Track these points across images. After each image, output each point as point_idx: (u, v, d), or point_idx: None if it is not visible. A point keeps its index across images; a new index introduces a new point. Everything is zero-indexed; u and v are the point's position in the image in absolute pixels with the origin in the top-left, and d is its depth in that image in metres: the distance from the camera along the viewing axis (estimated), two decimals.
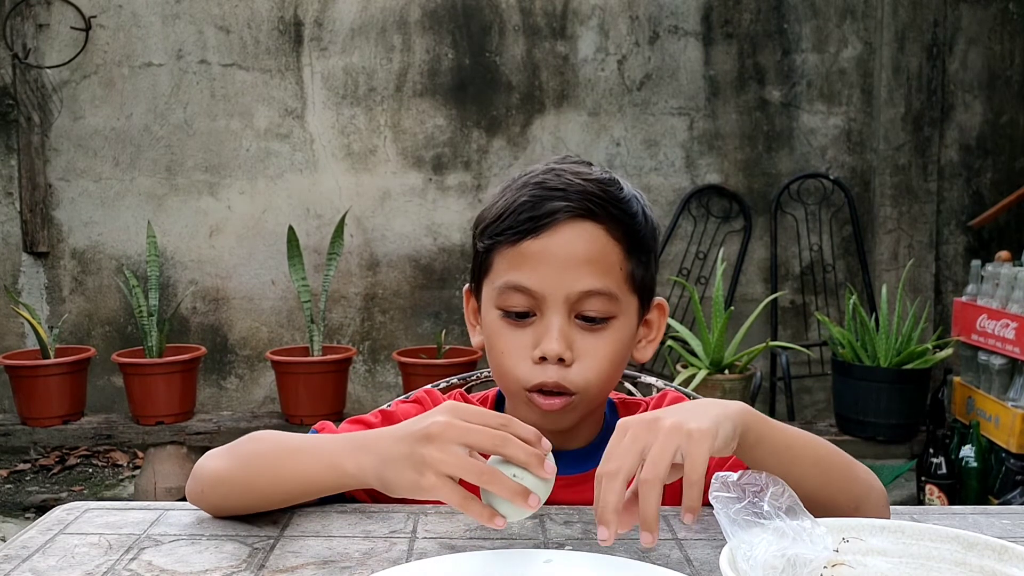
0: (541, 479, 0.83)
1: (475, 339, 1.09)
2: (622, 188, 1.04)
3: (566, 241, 0.98)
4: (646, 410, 1.11)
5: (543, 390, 0.99)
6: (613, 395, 1.14)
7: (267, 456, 0.96)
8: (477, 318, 1.09)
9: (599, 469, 0.81)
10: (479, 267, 1.06)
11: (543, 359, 0.98)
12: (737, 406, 0.87)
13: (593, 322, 1.00)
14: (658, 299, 1.10)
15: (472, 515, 0.82)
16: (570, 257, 0.98)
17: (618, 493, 0.79)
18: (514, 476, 0.82)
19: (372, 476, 0.87)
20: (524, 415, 0.98)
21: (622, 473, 0.79)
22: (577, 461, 1.06)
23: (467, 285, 1.12)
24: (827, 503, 0.89)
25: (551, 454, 0.85)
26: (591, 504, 1.02)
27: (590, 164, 1.06)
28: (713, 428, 0.81)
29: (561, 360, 0.98)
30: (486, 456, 0.85)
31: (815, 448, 0.93)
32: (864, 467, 0.98)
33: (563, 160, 1.05)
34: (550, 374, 0.98)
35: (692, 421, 0.80)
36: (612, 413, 1.13)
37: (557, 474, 0.90)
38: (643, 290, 1.06)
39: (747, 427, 0.86)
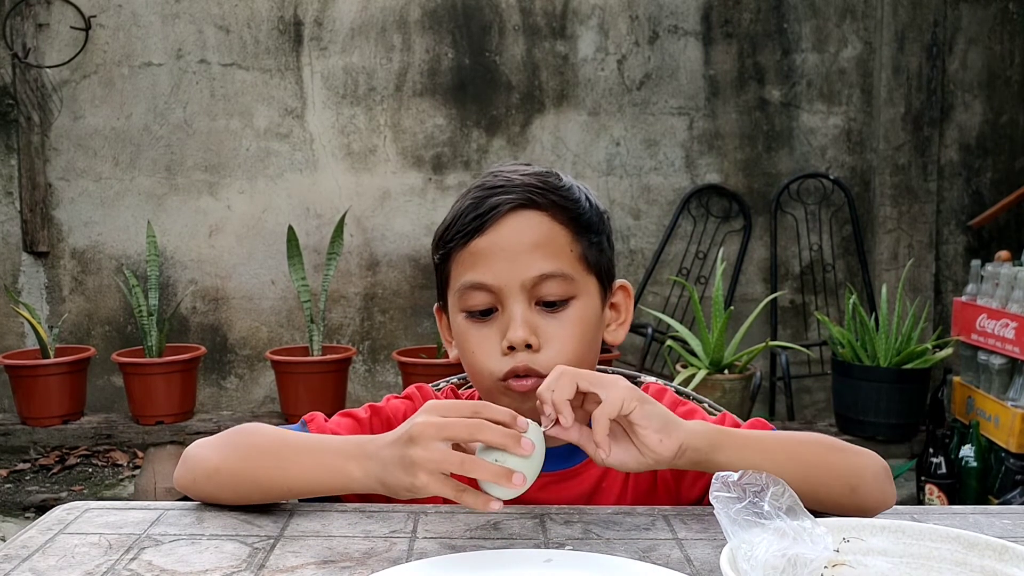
0: (523, 456, 0.85)
1: (452, 353, 1.11)
2: (561, 178, 1.07)
3: (512, 231, 1.02)
4: None
5: (517, 375, 1.01)
6: None
7: (269, 453, 0.97)
8: (450, 333, 1.11)
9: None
10: (441, 281, 1.09)
11: (511, 348, 1.00)
12: (698, 423, 0.94)
13: (554, 306, 1.02)
14: (620, 281, 1.12)
15: (468, 504, 0.85)
16: (519, 245, 1.01)
17: (568, 391, 0.89)
18: (496, 460, 0.85)
19: (376, 483, 0.90)
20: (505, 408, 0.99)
21: (570, 377, 0.90)
22: (562, 458, 1.07)
23: (436, 304, 1.15)
24: (818, 493, 0.92)
25: (535, 425, 0.88)
26: (577, 501, 1.03)
27: (529, 164, 1.09)
28: (638, 395, 0.89)
29: (528, 347, 1.00)
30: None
31: (787, 444, 0.97)
32: (857, 449, 1.00)
33: (503, 164, 1.10)
34: (520, 359, 1.00)
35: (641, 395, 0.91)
36: None
37: (543, 471, 0.92)
38: (601, 272, 1.07)
39: (705, 435, 0.92)
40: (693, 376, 3.10)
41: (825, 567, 0.80)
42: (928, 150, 3.92)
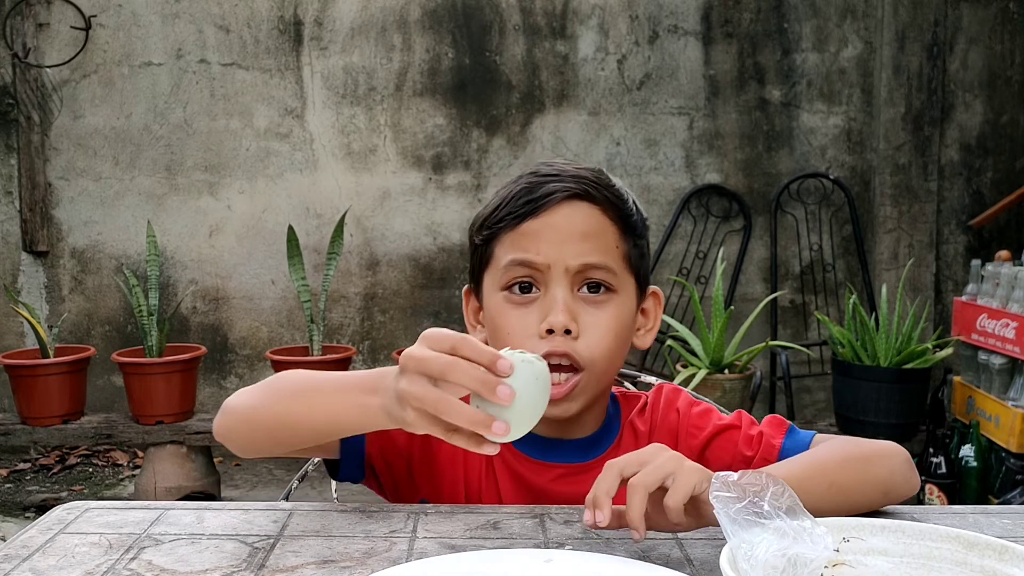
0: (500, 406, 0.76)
1: (477, 337, 1.09)
2: (611, 178, 1.09)
3: (564, 218, 1.02)
4: (646, 403, 1.13)
5: (551, 364, 0.98)
6: (615, 389, 1.15)
7: (300, 395, 0.95)
8: (477, 317, 1.11)
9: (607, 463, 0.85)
10: (479, 262, 1.08)
11: (550, 332, 1.00)
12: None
13: (596, 292, 1.02)
14: (653, 287, 1.13)
15: (459, 444, 0.79)
16: (570, 232, 1.02)
17: (610, 482, 0.83)
18: (477, 406, 0.77)
19: (386, 416, 0.85)
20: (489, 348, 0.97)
21: (616, 468, 0.84)
22: (580, 450, 1.08)
23: (466, 286, 1.14)
24: (854, 508, 0.93)
25: (527, 365, 0.79)
26: None
27: (580, 163, 1.10)
28: (705, 472, 0.83)
29: (568, 332, 1.00)
30: None
31: (827, 472, 0.95)
32: (882, 450, 1.00)
33: (552, 158, 1.12)
34: (557, 343, 1.00)
35: (692, 463, 0.85)
36: (614, 407, 1.14)
37: (559, 462, 0.90)
38: (639, 275, 1.08)
39: None
40: (693, 376, 3.10)
41: (825, 567, 0.80)
42: (928, 150, 3.92)
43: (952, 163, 4.02)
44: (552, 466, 1.06)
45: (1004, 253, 3.27)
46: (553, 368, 0.98)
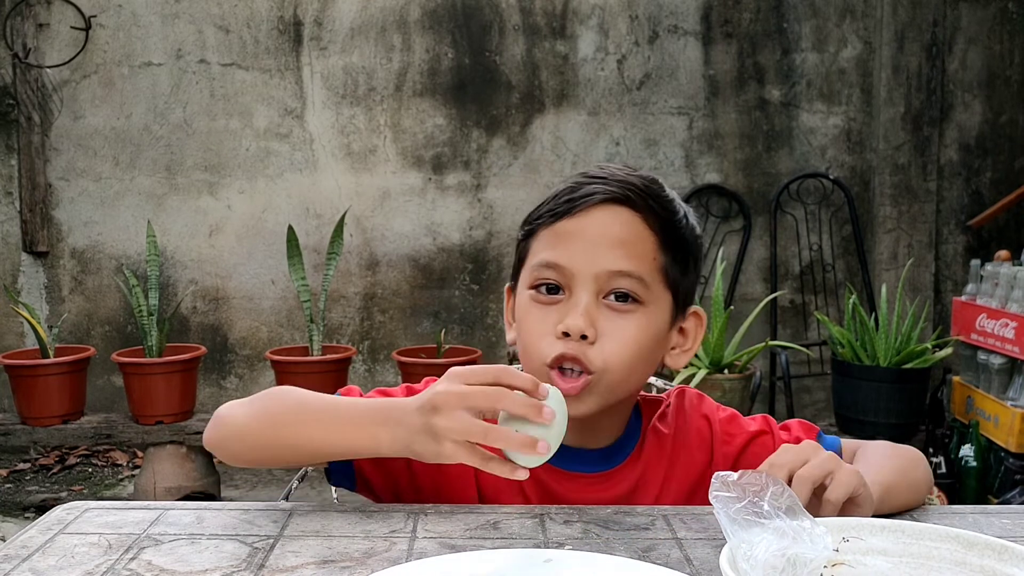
0: (543, 425, 0.85)
1: (510, 336, 1.10)
2: (664, 188, 1.06)
3: (600, 221, 1.01)
4: (668, 407, 1.12)
5: (563, 367, 0.99)
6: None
7: (298, 416, 0.98)
8: (514, 316, 1.09)
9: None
10: (519, 258, 1.08)
11: (566, 334, 0.99)
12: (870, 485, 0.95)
13: (622, 301, 1.00)
14: (695, 307, 1.09)
15: (495, 472, 0.86)
16: (603, 237, 1.00)
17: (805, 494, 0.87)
18: (516, 430, 0.85)
19: (404, 448, 0.91)
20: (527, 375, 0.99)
21: (784, 467, 0.88)
22: (601, 459, 1.07)
23: (508, 284, 1.13)
24: (916, 504, 1.00)
25: (555, 391, 0.88)
26: (613, 503, 1.02)
27: (638, 169, 1.08)
28: (861, 476, 0.89)
29: (584, 337, 0.98)
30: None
31: (904, 471, 1.01)
32: (913, 450, 1.06)
33: (611, 163, 1.10)
34: (571, 347, 0.98)
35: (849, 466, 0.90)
36: (635, 412, 1.12)
37: (582, 471, 0.96)
38: (678, 292, 1.05)
39: (874, 498, 0.93)
40: (693, 376, 3.10)
41: (825, 567, 0.80)
42: (928, 150, 3.92)
43: (951, 163, 4.02)
44: (575, 475, 1.05)
45: (1003, 253, 3.27)
46: (565, 372, 0.99)
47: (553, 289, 1.01)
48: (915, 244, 3.94)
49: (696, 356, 3.23)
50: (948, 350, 3.34)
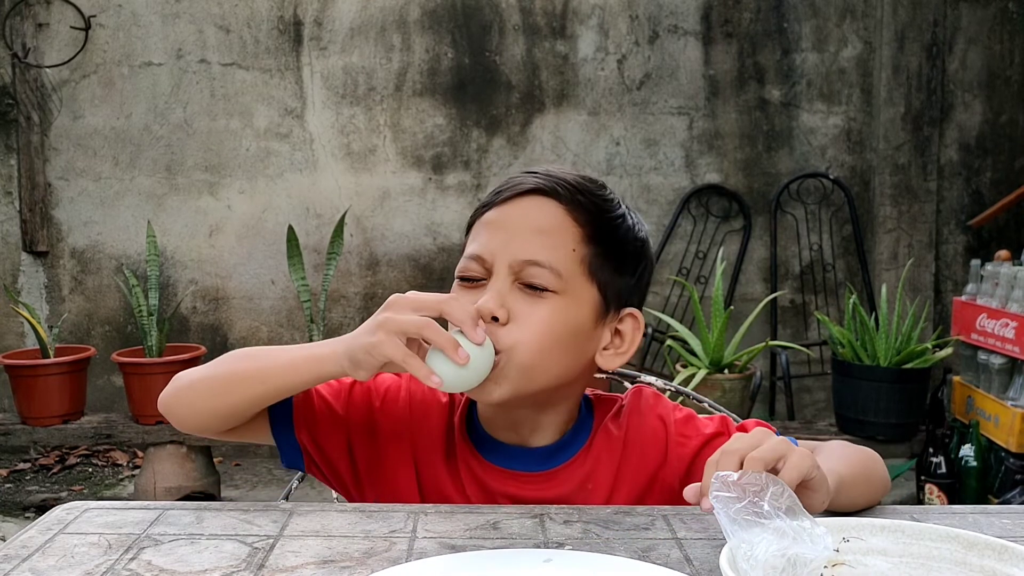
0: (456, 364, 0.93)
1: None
2: (604, 188, 1.07)
3: (520, 211, 1.04)
4: (622, 407, 1.11)
5: None
6: (589, 391, 1.13)
7: (246, 357, 1.07)
8: None
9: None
10: (462, 250, 1.11)
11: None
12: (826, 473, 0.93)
13: (532, 289, 1.01)
14: (631, 309, 1.07)
15: (411, 370, 0.92)
16: (521, 226, 1.02)
17: (732, 468, 0.84)
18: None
19: (342, 355, 0.97)
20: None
21: (735, 454, 0.85)
22: (543, 458, 1.07)
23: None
24: (874, 502, 1.00)
25: (478, 348, 0.94)
26: (556, 502, 1.02)
27: (588, 176, 1.09)
28: (814, 460, 0.87)
29: (496, 320, 0.99)
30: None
31: (864, 465, 1.02)
32: (869, 450, 1.06)
33: (557, 164, 1.12)
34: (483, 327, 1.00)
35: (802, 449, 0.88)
36: (588, 411, 1.12)
37: (522, 470, 0.99)
38: (606, 288, 1.04)
39: (830, 486, 0.91)
40: (693, 376, 3.10)
41: (825, 567, 0.80)
42: (928, 150, 3.92)
43: (951, 163, 4.02)
44: (515, 474, 1.06)
45: (1003, 253, 3.27)
46: None
47: (475, 280, 1.04)
48: (915, 244, 3.94)
49: (696, 356, 3.23)
50: (948, 350, 3.34)
